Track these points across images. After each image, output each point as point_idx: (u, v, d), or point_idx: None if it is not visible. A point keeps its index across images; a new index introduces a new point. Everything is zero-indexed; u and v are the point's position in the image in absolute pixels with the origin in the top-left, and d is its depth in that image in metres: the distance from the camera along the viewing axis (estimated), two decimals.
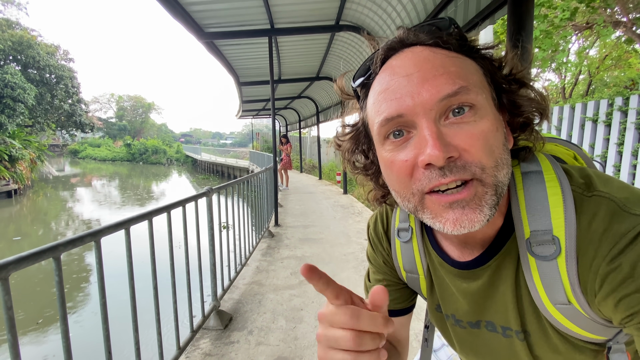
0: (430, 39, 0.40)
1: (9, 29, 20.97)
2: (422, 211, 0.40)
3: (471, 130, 0.37)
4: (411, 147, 0.38)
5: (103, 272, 1.28)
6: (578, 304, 0.39)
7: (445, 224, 0.38)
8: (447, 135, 0.37)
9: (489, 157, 0.37)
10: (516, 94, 0.43)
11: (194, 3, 3.77)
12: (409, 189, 0.40)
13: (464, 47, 0.40)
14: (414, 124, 0.38)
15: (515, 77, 0.43)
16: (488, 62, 0.42)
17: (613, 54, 9.41)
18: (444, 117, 0.37)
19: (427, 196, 0.39)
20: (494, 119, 0.39)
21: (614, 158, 4.49)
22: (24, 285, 5.25)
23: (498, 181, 0.38)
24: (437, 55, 0.39)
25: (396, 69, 0.40)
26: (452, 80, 0.37)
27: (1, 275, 0.88)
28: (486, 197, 0.37)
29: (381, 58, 0.42)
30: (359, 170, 0.52)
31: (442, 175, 0.36)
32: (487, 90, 0.40)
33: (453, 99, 0.36)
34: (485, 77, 0.41)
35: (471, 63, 0.40)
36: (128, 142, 45.16)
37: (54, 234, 9.52)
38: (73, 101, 25.12)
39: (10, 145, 14.74)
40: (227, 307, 2.51)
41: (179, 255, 1.82)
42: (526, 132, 0.44)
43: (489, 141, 0.37)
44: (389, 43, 0.42)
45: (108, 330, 1.28)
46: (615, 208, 0.36)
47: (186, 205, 1.96)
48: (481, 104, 0.38)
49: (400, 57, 0.40)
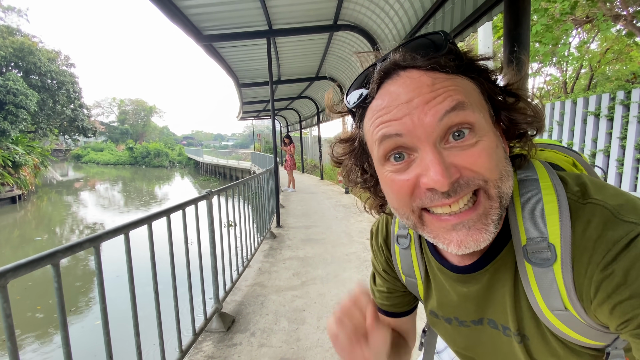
0: (428, 64, 0.39)
1: (10, 36, 21.12)
2: (422, 228, 0.41)
3: (472, 152, 0.37)
4: (413, 169, 0.39)
5: (102, 277, 1.29)
6: (575, 310, 0.39)
7: (449, 244, 0.39)
8: (449, 159, 0.37)
9: (493, 171, 0.38)
10: (513, 109, 0.43)
11: (191, 6, 3.77)
12: (408, 206, 0.41)
13: (460, 67, 0.40)
14: (415, 147, 0.39)
15: (511, 91, 0.43)
16: (485, 79, 0.42)
17: (614, 47, 9.33)
18: (445, 141, 0.38)
19: (425, 214, 0.40)
20: (493, 137, 0.39)
21: (617, 152, 4.45)
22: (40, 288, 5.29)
23: (502, 192, 0.38)
24: (436, 79, 0.39)
25: (395, 96, 0.39)
26: (451, 97, 0.37)
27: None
28: (492, 213, 0.38)
29: (377, 83, 0.41)
30: (358, 183, 0.53)
31: (446, 197, 0.37)
32: (485, 109, 0.41)
33: (452, 115, 0.37)
34: (483, 95, 0.41)
35: (468, 83, 0.40)
36: (130, 145, 45.34)
37: (58, 239, 9.58)
38: (75, 106, 25.24)
39: (14, 152, 14.84)
40: (229, 309, 2.52)
41: (180, 258, 1.83)
42: (521, 141, 0.45)
43: (492, 158, 0.38)
44: (384, 67, 0.41)
45: (109, 335, 1.29)
46: (608, 215, 0.37)
47: (186, 208, 1.97)
48: (480, 123, 0.38)
49: (398, 83, 0.40)
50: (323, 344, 2.06)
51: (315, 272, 3.23)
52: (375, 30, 4.46)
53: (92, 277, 5.80)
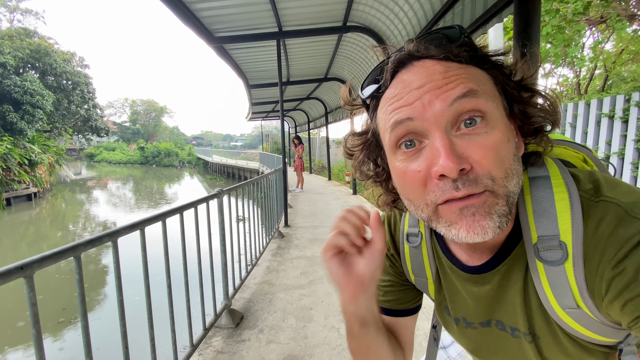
0: (441, 53, 0.40)
1: (27, 38, 21.72)
2: (437, 221, 0.40)
3: (482, 142, 0.37)
4: (423, 157, 0.39)
5: (120, 270, 1.34)
6: (587, 307, 0.39)
7: (459, 230, 0.38)
8: (459, 146, 0.37)
9: (500, 168, 0.37)
10: (527, 103, 0.43)
11: (204, 9, 3.85)
12: (422, 199, 0.40)
13: (475, 58, 0.41)
14: (425, 133, 0.38)
15: (526, 85, 0.43)
16: (499, 72, 0.42)
17: (630, 48, 9.12)
18: (456, 128, 0.38)
19: (440, 207, 0.39)
20: (505, 129, 0.39)
21: (632, 155, 4.36)
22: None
23: (509, 191, 0.38)
24: (449, 67, 0.39)
25: (407, 83, 0.40)
26: (463, 84, 0.37)
27: (26, 274, 0.94)
28: (496, 207, 0.38)
29: (391, 72, 0.42)
30: (369, 177, 0.53)
31: (455, 189, 0.37)
32: (498, 99, 0.40)
33: (463, 101, 0.37)
34: (496, 86, 0.41)
35: (482, 73, 0.40)
36: (141, 145, 46.10)
37: (72, 235, 9.82)
38: (89, 106, 25.81)
39: (30, 150, 15.27)
40: (238, 306, 2.56)
41: (191, 255, 1.88)
42: (537, 138, 0.45)
43: (500, 152, 0.37)
44: (399, 57, 0.41)
45: (125, 327, 1.33)
46: (621, 213, 0.36)
47: (198, 206, 2.02)
48: (492, 113, 0.38)
49: (412, 71, 0.40)
50: (330, 341, 2.09)
51: (322, 272, 3.25)
52: (385, 31, 4.47)
53: (97, 278, 5.93)
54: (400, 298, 0.63)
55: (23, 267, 0.92)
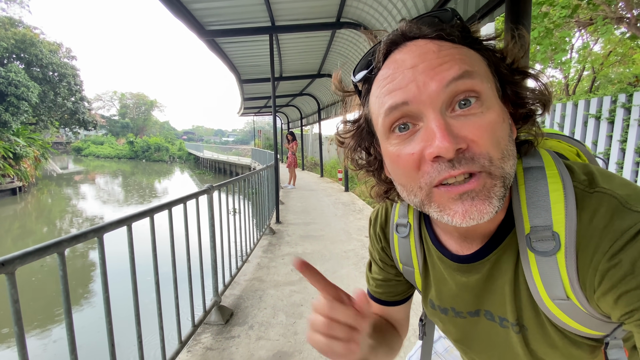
0: (434, 31, 0.39)
1: (12, 27, 21.05)
2: (429, 204, 0.40)
3: (478, 122, 0.36)
4: (418, 140, 0.38)
5: (106, 267, 1.31)
6: (576, 299, 0.39)
7: (454, 216, 0.38)
8: (455, 126, 0.36)
9: (496, 149, 0.37)
10: (519, 84, 0.42)
11: (195, 1, 3.78)
12: (416, 182, 0.39)
13: (467, 38, 0.40)
14: (419, 116, 0.38)
15: (518, 68, 0.43)
16: (491, 53, 0.42)
17: (618, 50, 9.31)
18: (451, 109, 0.37)
19: (435, 189, 0.38)
20: (500, 110, 0.38)
21: (617, 155, 4.47)
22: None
23: (505, 173, 0.37)
24: (442, 46, 0.38)
25: (400, 62, 0.39)
26: (457, 65, 0.37)
27: (7, 270, 0.91)
28: (495, 189, 0.37)
29: (383, 52, 0.41)
30: (361, 166, 0.52)
31: (452, 167, 0.36)
32: (492, 81, 0.40)
33: (459, 82, 0.36)
34: (490, 67, 0.41)
35: (474, 54, 0.40)
36: (131, 139, 45.33)
37: (58, 231, 9.62)
38: (76, 99, 25.21)
39: (15, 143, 14.86)
40: (228, 302, 2.55)
41: (180, 251, 1.85)
42: (528, 124, 0.44)
43: (496, 132, 0.37)
44: (391, 37, 0.41)
45: (111, 324, 1.31)
46: (617, 204, 0.36)
47: (187, 202, 1.99)
48: (487, 93, 0.37)
49: (404, 51, 0.40)
50: None
51: None
52: (378, 28, 4.46)
53: (79, 275, 5.83)
54: (393, 292, 0.65)
55: (4, 264, 0.90)
